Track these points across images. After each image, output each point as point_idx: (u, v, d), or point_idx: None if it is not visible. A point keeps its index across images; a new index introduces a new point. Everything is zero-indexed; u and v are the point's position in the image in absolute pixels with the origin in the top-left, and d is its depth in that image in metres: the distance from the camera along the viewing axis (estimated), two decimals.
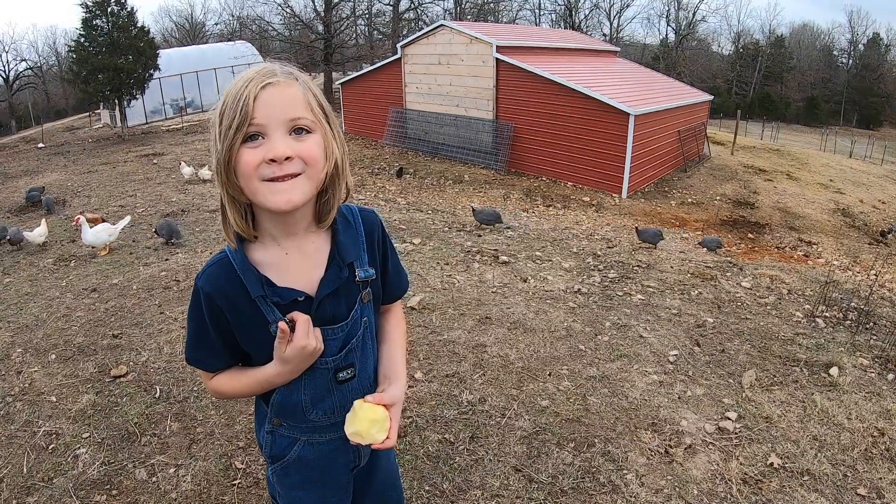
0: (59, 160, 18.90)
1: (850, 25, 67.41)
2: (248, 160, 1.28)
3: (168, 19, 72.17)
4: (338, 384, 1.54)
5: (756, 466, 3.17)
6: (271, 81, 1.29)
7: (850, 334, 4.88)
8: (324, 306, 1.46)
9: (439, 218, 10.03)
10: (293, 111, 1.31)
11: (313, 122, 1.34)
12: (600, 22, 64.56)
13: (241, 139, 1.28)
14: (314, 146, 1.34)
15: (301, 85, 1.35)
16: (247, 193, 1.33)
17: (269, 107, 1.28)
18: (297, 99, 1.32)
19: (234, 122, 1.27)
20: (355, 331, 1.53)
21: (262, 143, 1.29)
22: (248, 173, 1.29)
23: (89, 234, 7.11)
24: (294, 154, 1.30)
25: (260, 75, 1.30)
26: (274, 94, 1.29)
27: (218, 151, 1.31)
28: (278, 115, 1.29)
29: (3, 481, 3.05)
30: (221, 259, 1.44)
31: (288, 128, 1.31)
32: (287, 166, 1.30)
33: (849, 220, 15.48)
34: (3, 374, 4.19)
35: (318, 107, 1.37)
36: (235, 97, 1.28)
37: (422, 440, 3.35)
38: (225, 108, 1.29)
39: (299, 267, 1.45)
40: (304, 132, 1.33)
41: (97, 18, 22.91)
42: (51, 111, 54.35)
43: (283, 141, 1.29)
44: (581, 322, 4.99)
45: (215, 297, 1.42)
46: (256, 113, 1.27)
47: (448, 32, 18.99)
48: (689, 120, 19.77)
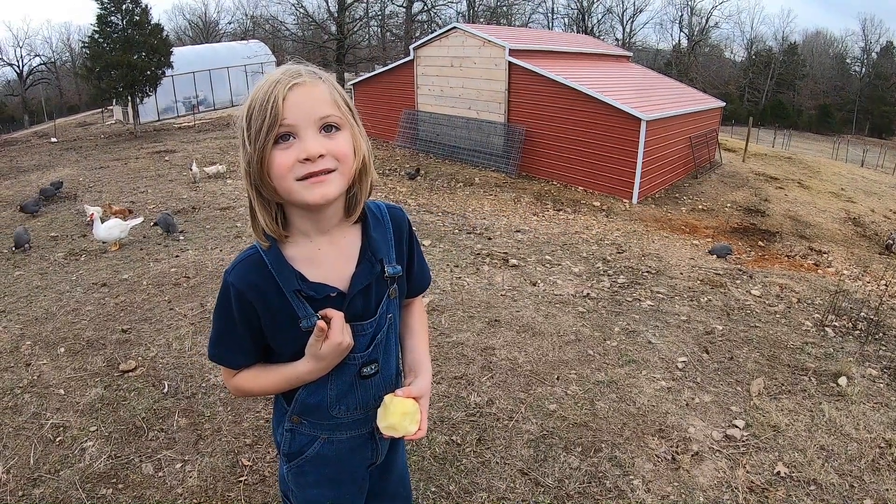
0: (72, 155, 19.01)
1: (863, 33, 67.16)
2: (281, 162, 1.30)
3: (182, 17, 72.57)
4: (361, 379, 1.55)
5: (763, 475, 3.15)
6: (298, 81, 1.31)
7: (859, 344, 4.85)
8: (355, 302, 1.48)
9: (450, 220, 10.03)
10: (322, 109, 1.32)
11: (341, 119, 1.36)
12: (613, 26, 64.55)
13: (272, 140, 1.29)
14: (344, 143, 1.36)
15: (327, 84, 1.36)
16: (281, 193, 1.34)
17: (299, 107, 1.29)
18: (324, 97, 1.34)
19: (264, 124, 1.28)
20: (381, 326, 1.55)
21: (293, 143, 1.30)
22: (282, 174, 1.30)
23: (101, 229, 7.15)
24: (326, 151, 1.32)
25: (287, 76, 1.31)
26: (302, 93, 1.30)
27: (248, 154, 1.32)
28: (308, 114, 1.30)
29: (10, 472, 3.07)
30: (252, 255, 1.45)
31: (318, 126, 1.32)
32: (321, 163, 1.31)
33: (860, 230, 15.39)
34: (13, 366, 4.22)
35: (344, 104, 1.38)
36: (263, 99, 1.28)
37: (429, 441, 3.35)
38: (253, 111, 1.30)
39: (332, 262, 1.47)
40: (334, 129, 1.35)
41: (112, 15, 23.06)
42: (64, 107, 54.69)
43: (315, 139, 1.31)
44: (590, 327, 4.98)
45: (247, 293, 1.42)
46: (286, 114, 1.28)
47: (461, 35, 18.99)
48: (701, 126, 19.70)
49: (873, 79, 63.27)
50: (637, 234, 12.24)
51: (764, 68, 63.44)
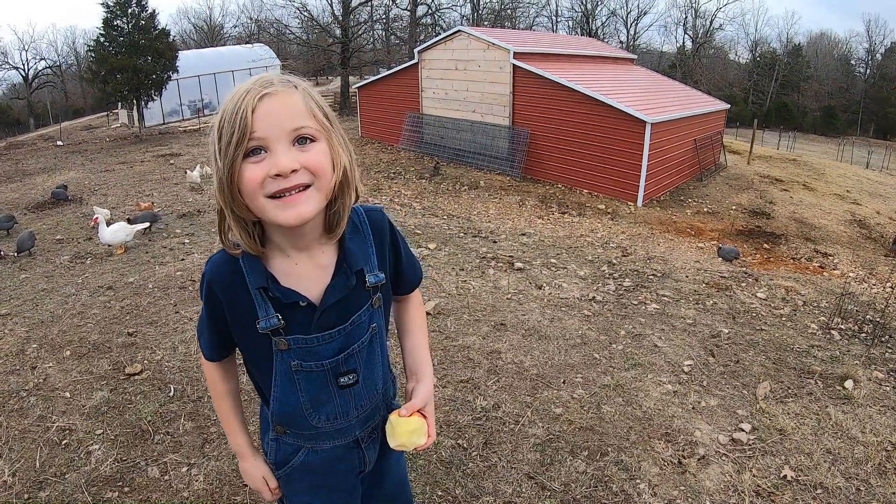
0: (77, 158, 19.06)
1: (867, 34, 67.02)
2: (251, 177, 1.23)
3: (186, 21, 72.59)
4: (339, 389, 1.51)
5: (769, 479, 3.14)
6: (269, 91, 1.24)
7: (865, 347, 4.84)
8: (327, 314, 1.43)
9: (455, 223, 10.04)
10: (295, 120, 1.25)
11: (317, 130, 1.28)
12: (617, 29, 64.64)
13: (241, 155, 1.22)
14: (320, 155, 1.28)
15: (301, 92, 1.30)
16: (253, 211, 1.28)
17: (269, 118, 1.22)
18: (298, 107, 1.27)
19: (233, 137, 1.21)
20: (359, 335, 1.50)
21: (264, 157, 1.23)
22: (253, 190, 1.24)
23: (106, 232, 7.16)
24: (300, 165, 1.24)
25: (257, 85, 1.24)
26: (273, 103, 1.23)
27: (219, 169, 1.25)
28: (279, 125, 1.23)
29: (16, 475, 3.07)
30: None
31: (291, 138, 1.25)
32: (294, 178, 1.24)
33: (865, 232, 15.35)
34: (18, 368, 4.22)
35: (321, 114, 1.31)
36: (233, 111, 1.22)
37: (435, 445, 3.34)
38: (223, 124, 1.23)
39: (308, 276, 1.42)
40: (309, 141, 1.27)
41: (118, 19, 23.16)
42: (69, 110, 54.83)
43: (286, 153, 1.23)
44: (596, 330, 4.98)
45: (215, 285, 1.42)
46: (256, 125, 1.21)
47: (465, 38, 19.01)
48: (706, 129, 19.68)
49: (878, 80, 63.12)
50: (642, 237, 12.23)
51: (768, 70, 63.34)
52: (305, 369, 1.46)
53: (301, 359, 1.44)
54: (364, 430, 1.63)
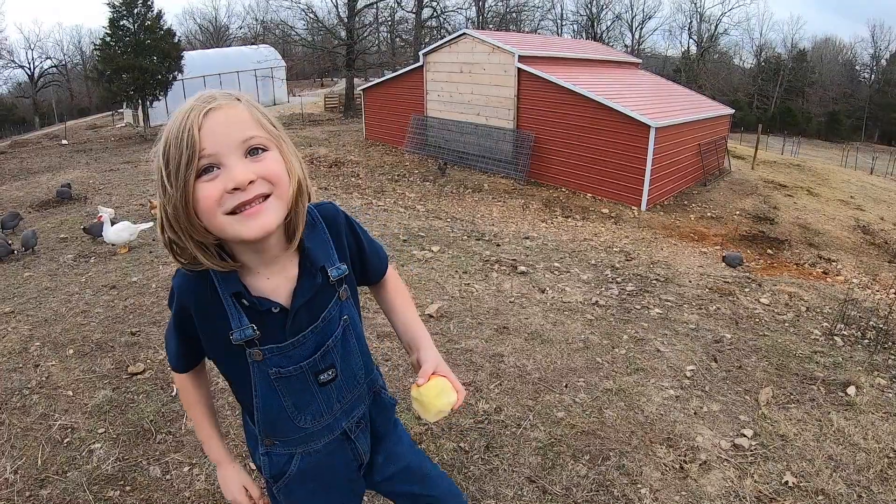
0: (82, 158, 19.12)
1: (872, 40, 66.96)
2: (207, 195, 1.18)
3: (192, 21, 72.89)
4: (320, 387, 1.50)
5: (771, 485, 3.13)
6: (212, 106, 1.20)
7: (868, 353, 4.83)
8: (299, 316, 1.42)
9: (458, 226, 10.04)
10: (244, 131, 1.22)
11: (268, 139, 1.25)
12: (622, 33, 64.71)
13: (193, 175, 1.17)
14: (274, 163, 1.24)
15: (245, 104, 1.26)
16: (213, 232, 1.23)
17: (217, 132, 1.18)
18: (244, 118, 1.23)
19: (181, 158, 1.16)
20: (331, 330, 1.48)
21: (218, 173, 1.19)
22: (210, 209, 1.19)
23: (110, 232, 7.17)
24: (256, 176, 1.20)
25: (200, 102, 1.21)
26: (219, 117, 1.20)
27: (170, 195, 1.20)
28: (229, 139, 1.19)
29: (18, 473, 3.08)
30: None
31: (242, 150, 1.21)
32: (252, 189, 1.20)
33: (869, 238, 15.32)
34: (21, 367, 4.23)
35: (268, 123, 1.28)
36: (178, 131, 1.18)
37: (437, 448, 3.34)
38: (168, 147, 1.19)
39: (278, 287, 1.40)
40: (261, 151, 1.24)
41: (124, 19, 23.22)
42: (74, 109, 55.02)
43: (241, 165, 1.19)
44: (598, 334, 4.97)
45: (185, 298, 1.40)
46: (205, 142, 1.17)
47: (470, 41, 19.04)
48: (710, 133, 19.68)
49: (883, 85, 63.03)
50: (646, 242, 12.22)
51: (773, 75, 63.29)
52: (284, 375, 1.45)
53: (278, 366, 1.43)
54: (349, 420, 1.61)
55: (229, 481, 1.65)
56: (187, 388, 1.62)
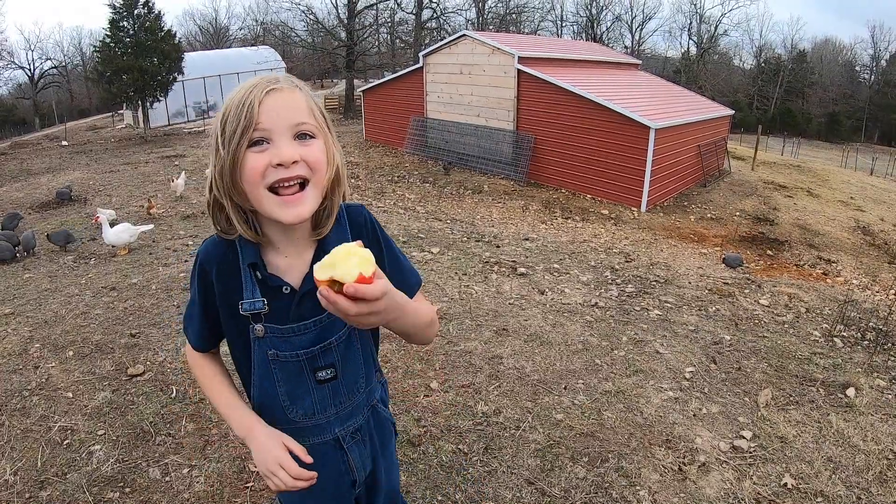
0: (82, 159, 19.12)
1: (872, 40, 66.83)
2: (253, 165, 1.28)
3: (192, 23, 72.82)
4: (317, 384, 1.51)
5: (770, 486, 3.14)
6: (275, 87, 1.30)
7: (867, 355, 4.83)
8: (306, 302, 1.43)
9: (458, 227, 10.04)
10: (297, 116, 1.31)
11: (316, 128, 1.35)
12: (622, 34, 64.69)
13: (246, 144, 1.27)
14: (318, 151, 1.34)
15: (303, 92, 1.36)
16: (252, 201, 1.33)
17: (274, 111, 1.28)
18: (300, 105, 1.33)
19: (238, 127, 1.26)
20: (335, 329, 1.48)
21: (267, 147, 1.28)
22: (255, 179, 1.28)
23: (110, 233, 7.18)
24: (300, 158, 1.30)
25: (264, 81, 1.31)
26: (278, 99, 1.30)
27: (221, 158, 1.30)
28: (283, 119, 1.29)
29: (18, 474, 3.08)
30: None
31: (293, 133, 1.31)
32: (294, 169, 1.29)
33: (869, 239, 15.31)
34: (21, 368, 4.23)
35: (319, 114, 1.38)
36: (239, 103, 1.27)
37: (436, 450, 3.35)
38: (228, 115, 1.29)
39: (294, 269, 1.45)
40: (308, 137, 1.33)
41: (124, 20, 23.20)
42: (74, 110, 54.96)
43: (289, 145, 1.29)
44: (598, 336, 4.98)
45: (206, 266, 1.47)
46: (262, 118, 1.27)
47: (470, 42, 19.04)
48: (710, 134, 19.67)
49: (883, 86, 62.98)
50: (645, 243, 12.22)
51: (773, 76, 63.24)
52: (282, 359, 1.47)
53: (277, 348, 1.46)
54: (344, 428, 1.59)
55: (267, 443, 1.44)
56: (203, 364, 1.63)
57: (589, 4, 61.06)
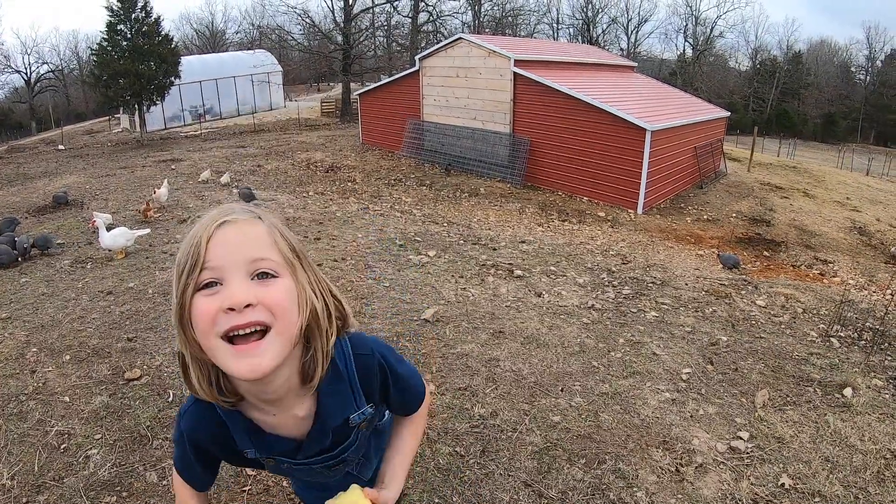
0: (79, 163, 19.10)
1: (867, 41, 67.05)
2: (203, 310, 1.09)
3: (189, 26, 72.76)
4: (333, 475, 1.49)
5: (767, 487, 3.14)
6: (228, 219, 1.13)
7: (864, 355, 4.84)
8: (312, 446, 1.37)
9: (455, 230, 10.04)
10: (254, 251, 1.13)
11: (280, 265, 1.15)
12: (618, 37, 64.87)
13: (192, 286, 1.10)
14: (281, 292, 1.13)
15: (266, 224, 1.18)
16: (206, 352, 1.13)
17: (225, 246, 1.11)
18: (259, 237, 1.15)
19: (186, 265, 1.11)
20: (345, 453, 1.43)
21: (218, 290, 1.10)
22: (205, 327, 1.10)
23: (106, 237, 7.17)
24: (256, 300, 1.10)
25: (217, 213, 1.16)
26: (230, 232, 1.12)
27: (174, 302, 1.14)
28: (236, 255, 1.11)
29: (15, 479, 3.08)
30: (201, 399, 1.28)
31: (248, 271, 1.12)
32: (248, 314, 1.09)
33: (865, 239, 15.34)
34: (18, 372, 4.23)
35: (287, 249, 1.19)
36: (190, 239, 1.13)
37: (433, 453, 3.35)
38: (182, 253, 1.13)
39: (288, 426, 1.33)
40: (270, 276, 1.13)
41: (121, 23, 23.20)
42: (71, 114, 54.96)
43: (241, 285, 1.10)
44: (594, 338, 4.98)
45: (198, 440, 1.36)
46: (210, 254, 1.10)
47: (466, 45, 19.06)
48: (706, 136, 19.71)
49: (878, 87, 63.20)
50: (642, 245, 12.24)
51: (769, 77, 63.42)
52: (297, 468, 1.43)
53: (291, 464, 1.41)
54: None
55: None
56: (187, 498, 1.53)
57: (585, 7, 61.21)
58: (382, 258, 7.08)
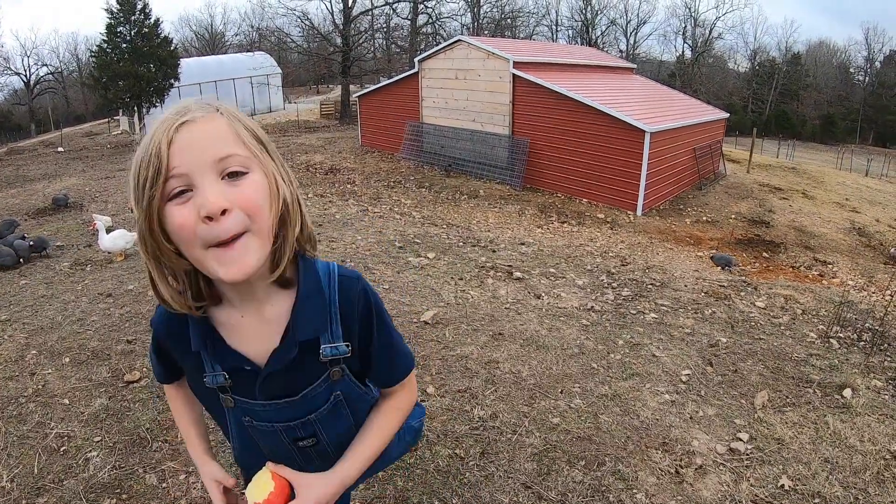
0: (78, 165, 19.10)
1: (866, 42, 67.15)
2: (181, 223, 1.05)
3: (188, 29, 72.80)
4: (299, 450, 1.42)
5: (767, 488, 3.14)
6: (187, 119, 1.07)
7: (864, 355, 4.84)
8: (274, 380, 1.29)
9: (454, 232, 10.04)
10: (220, 149, 1.07)
11: (248, 159, 1.11)
12: (617, 38, 64.97)
13: (159, 197, 1.05)
14: (253, 191, 1.10)
15: (227, 116, 1.12)
16: (191, 262, 1.11)
17: (189, 149, 1.05)
18: (222, 134, 1.09)
19: (148, 175, 1.04)
20: (315, 406, 1.35)
21: (190, 196, 1.05)
22: (188, 239, 1.07)
23: (106, 239, 7.17)
24: (230, 204, 1.06)
25: (173, 114, 1.08)
26: (192, 132, 1.06)
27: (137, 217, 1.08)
28: (202, 157, 1.06)
29: (14, 481, 3.07)
30: None
31: (217, 170, 1.07)
32: (226, 221, 1.06)
33: (864, 240, 15.35)
34: (17, 375, 4.22)
35: (252, 139, 1.14)
36: (147, 147, 1.05)
37: (432, 455, 3.35)
38: (140, 163, 1.06)
39: (255, 333, 1.27)
40: (239, 175, 1.09)
41: (121, 25, 23.23)
42: (70, 116, 54.96)
43: (213, 188, 1.05)
44: (594, 340, 4.98)
45: (161, 340, 1.37)
46: (174, 160, 1.04)
47: (465, 47, 19.07)
48: (705, 137, 19.71)
49: (877, 88, 63.25)
50: (641, 247, 12.24)
51: (767, 79, 63.49)
52: (258, 427, 1.37)
53: (251, 416, 1.35)
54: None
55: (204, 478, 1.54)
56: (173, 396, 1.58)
57: (584, 9, 61.28)
58: (382, 260, 7.08)
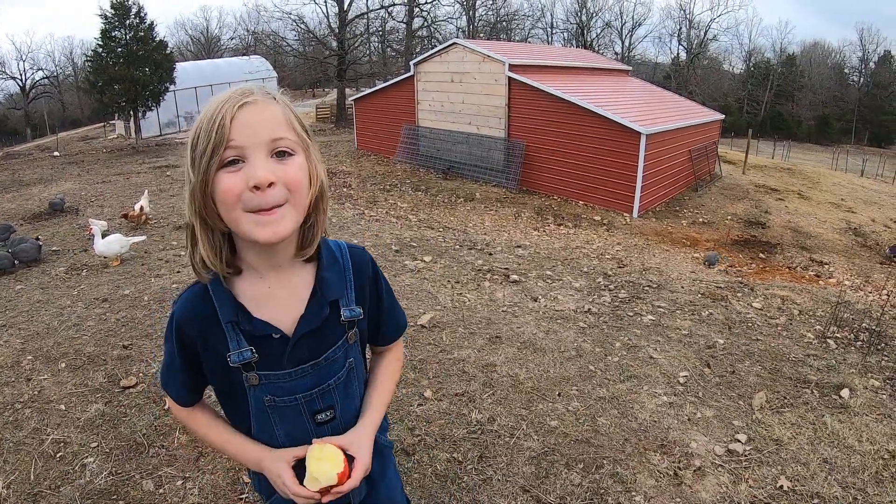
0: (74, 169, 19.05)
1: (861, 43, 67.28)
2: (228, 187, 1.19)
3: (183, 32, 72.82)
4: (317, 426, 1.47)
5: (765, 489, 3.14)
6: (249, 100, 1.21)
7: (861, 355, 4.84)
8: (300, 346, 1.39)
9: (450, 236, 10.04)
10: (274, 131, 1.22)
11: (296, 143, 1.26)
12: (612, 40, 65.07)
13: (217, 164, 1.19)
14: (298, 170, 1.25)
15: (281, 104, 1.27)
16: (228, 223, 1.24)
17: (248, 127, 1.19)
18: (277, 118, 1.24)
19: (209, 145, 1.18)
20: (334, 371, 1.46)
21: (241, 167, 1.19)
22: (231, 202, 1.20)
23: (100, 244, 7.15)
24: (277, 179, 1.20)
25: (237, 94, 1.22)
26: (252, 113, 1.21)
27: (192, 180, 1.22)
28: (258, 135, 1.20)
29: (11, 487, 3.06)
30: (198, 286, 1.37)
31: (269, 149, 1.21)
32: (270, 193, 1.20)
33: (860, 240, 15.38)
34: (13, 380, 4.21)
35: (300, 127, 1.29)
36: (210, 119, 1.19)
37: (430, 459, 3.34)
38: (199, 133, 1.21)
39: (281, 302, 1.38)
40: (287, 155, 1.24)
41: (116, 30, 23.18)
42: (66, 120, 54.90)
43: (264, 164, 1.20)
44: (591, 342, 4.98)
45: (186, 327, 1.37)
46: (234, 134, 1.18)
47: (461, 50, 19.07)
48: (701, 139, 19.74)
49: (872, 88, 63.39)
50: (638, 248, 12.24)
51: (762, 80, 63.65)
52: (279, 405, 1.42)
53: (273, 394, 1.41)
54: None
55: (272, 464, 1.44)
56: (194, 415, 1.55)
57: (579, 11, 61.46)
58: (378, 264, 7.07)
